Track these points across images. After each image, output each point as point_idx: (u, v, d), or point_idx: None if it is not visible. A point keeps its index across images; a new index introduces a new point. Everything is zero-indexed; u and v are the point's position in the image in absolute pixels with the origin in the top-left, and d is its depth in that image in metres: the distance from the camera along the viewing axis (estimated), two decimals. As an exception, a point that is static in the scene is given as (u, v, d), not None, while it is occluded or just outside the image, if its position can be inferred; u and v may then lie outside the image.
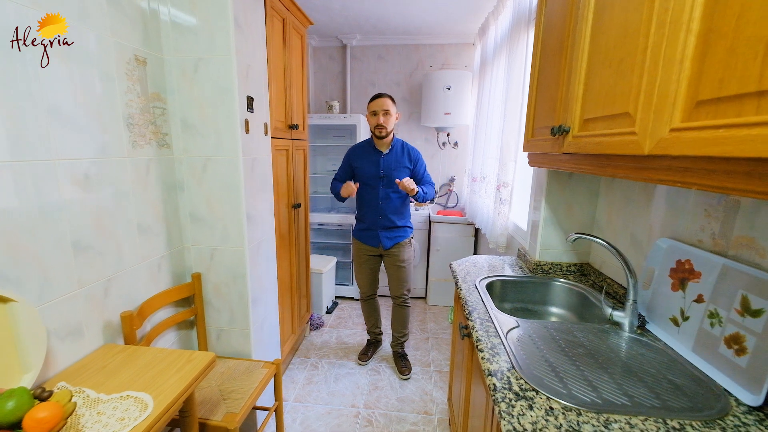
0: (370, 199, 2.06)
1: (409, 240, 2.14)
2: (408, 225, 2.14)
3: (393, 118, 1.97)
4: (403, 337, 2.26)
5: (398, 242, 2.09)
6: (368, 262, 2.18)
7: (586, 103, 0.96)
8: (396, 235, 2.09)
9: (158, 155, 1.36)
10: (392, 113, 1.96)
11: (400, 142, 2.07)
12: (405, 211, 2.11)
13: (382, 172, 2.02)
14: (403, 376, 2.18)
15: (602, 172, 0.91)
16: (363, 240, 2.14)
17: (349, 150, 2.13)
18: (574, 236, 1.18)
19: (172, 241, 1.45)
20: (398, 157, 2.02)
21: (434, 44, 3.26)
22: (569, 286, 1.44)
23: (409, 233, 2.15)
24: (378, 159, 2.03)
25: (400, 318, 2.23)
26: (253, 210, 1.55)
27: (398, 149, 2.04)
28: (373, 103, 1.96)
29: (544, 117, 1.25)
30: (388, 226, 2.07)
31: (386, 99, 1.95)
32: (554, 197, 1.52)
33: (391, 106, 1.95)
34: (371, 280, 2.24)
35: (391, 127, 1.98)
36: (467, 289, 1.37)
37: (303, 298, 2.39)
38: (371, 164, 2.03)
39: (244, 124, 1.44)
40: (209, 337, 1.61)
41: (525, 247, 1.75)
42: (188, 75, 1.38)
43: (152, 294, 1.34)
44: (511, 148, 1.93)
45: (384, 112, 1.94)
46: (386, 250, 2.11)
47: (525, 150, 1.44)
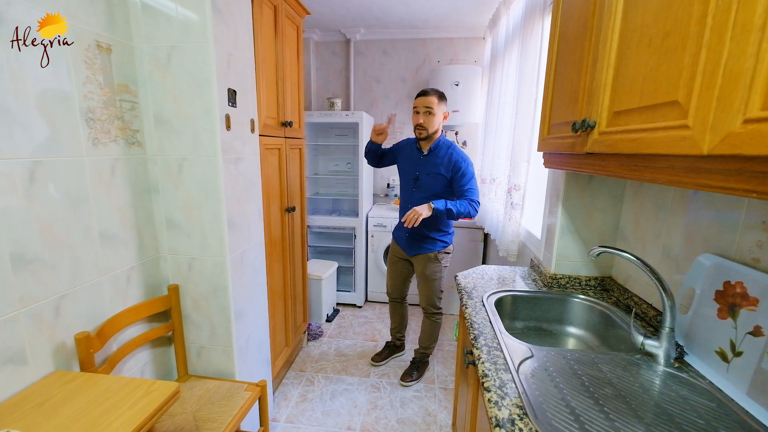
0: (405, 200, 1.96)
1: (435, 254, 1.92)
2: (439, 238, 1.91)
3: (438, 119, 1.77)
4: (427, 349, 2.15)
5: (421, 253, 1.93)
6: (397, 264, 2.09)
7: (616, 92, 0.78)
8: (421, 244, 1.92)
9: (127, 154, 1.22)
10: (436, 113, 1.75)
11: (446, 146, 1.83)
12: (437, 222, 1.86)
13: (416, 174, 1.88)
14: (403, 383, 2.05)
15: (638, 176, 0.73)
16: (396, 240, 2.07)
17: (402, 140, 2.04)
18: (597, 250, 1.00)
19: (145, 250, 1.32)
20: (436, 163, 1.80)
21: (442, 38, 3.09)
22: (590, 303, 1.26)
23: (439, 247, 1.92)
24: (416, 159, 1.89)
25: (425, 330, 2.11)
26: (236, 215, 1.41)
27: (440, 153, 1.81)
28: (416, 100, 1.79)
29: (562, 111, 1.08)
30: (416, 233, 1.90)
31: (432, 96, 1.74)
32: (572, 202, 1.34)
33: (436, 105, 1.74)
34: (397, 283, 2.14)
35: (434, 129, 1.78)
36: (473, 307, 1.21)
37: (299, 307, 2.25)
38: (410, 163, 1.91)
39: (224, 119, 1.30)
40: (189, 355, 1.47)
41: (539, 257, 1.57)
42: (161, 65, 1.24)
43: (119, 310, 1.21)
44: (523, 148, 1.75)
45: (426, 111, 1.75)
46: (411, 257, 2.00)
47: (540, 150, 1.26)
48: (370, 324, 2.76)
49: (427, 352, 2.16)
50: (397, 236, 2.05)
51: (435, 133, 1.81)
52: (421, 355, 2.16)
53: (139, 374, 1.33)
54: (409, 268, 2.08)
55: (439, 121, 1.78)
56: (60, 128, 0.99)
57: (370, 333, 2.63)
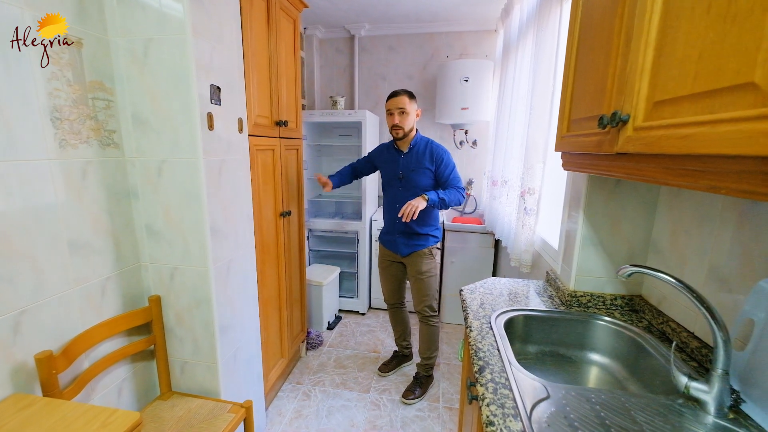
0: (389, 201, 1.94)
1: (428, 250, 1.92)
2: (431, 233, 1.92)
3: (412, 117, 1.80)
4: (428, 359, 2.04)
5: (416, 251, 1.90)
6: (389, 269, 2.05)
7: (658, 77, 0.63)
8: (414, 242, 1.90)
9: (101, 156, 1.12)
10: (409, 111, 1.78)
11: (424, 141, 1.87)
12: (427, 218, 1.89)
13: (400, 172, 1.88)
14: (405, 400, 1.93)
15: (689, 184, 0.58)
16: (384, 244, 2.03)
17: (375, 148, 2.07)
18: (629, 269, 0.84)
19: (123, 259, 1.22)
20: (419, 158, 1.83)
21: (451, 32, 2.94)
22: (617, 327, 1.10)
23: (432, 242, 1.93)
24: (397, 159, 1.89)
25: (423, 337, 2.02)
26: (220, 222, 1.30)
27: (420, 149, 1.85)
28: (388, 102, 1.81)
29: (586, 104, 0.92)
30: (406, 232, 1.90)
31: (402, 97, 1.77)
32: (596, 209, 1.18)
33: (408, 104, 1.77)
34: (393, 287, 2.09)
35: (410, 127, 1.81)
36: (479, 330, 1.06)
37: (296, 316, 2.14)
38: (391, 164, 1.91)
39: (206, 118, 1.19)
40: (172, 371, 1.37)
41: (556, 270, 1.41)
42: (138, 59, 1.14)
43: (91, 324, 1.11)
44: (538, 147, 1.59)
45: (400, 111, 1.77)
46: (404, 257, 1.95)
47: (558, 149, 1.11)
48: (372, 333, 2.63)
49: (429, 363, 2.05)
50: (386, 240, 2.01)
51: (411, 131, 1.83)
52: (424, 368, 2.05)
53: (116, 392, 1.23)
54: (403, 270, 2.04)
55: (413, 119, 1.81)
56: (19, 129, 0.89)
57: (372, 343, 2.49)
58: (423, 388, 2.01)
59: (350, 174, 2.10)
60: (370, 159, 2.07)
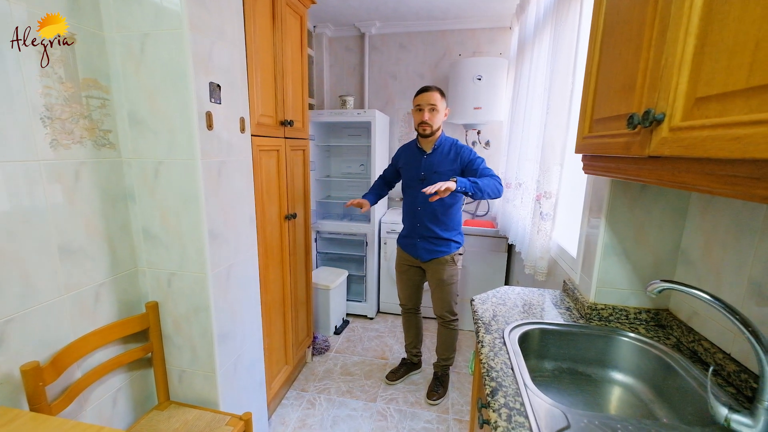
0: (410, 203, 1.87)
1: (451, 257, 1.83)
2: (453, 239, 1.83)
3: (441, 115, 1.73)
4: (447, 360, 2.02)
5: (437, 257, 1.83)
6: (408, 273, 1.98)
7: (701, 69, 0.55)
8: (435, 248, 1.83)
9: (96, 158, 1.08)
10: (440, 109, 1.71)
11: (449, 142, 1.79)
12: (450, 221, 1.81)
13: (422, 174, 1.79)
14: (431, 401, 1.92)
15: (741, 193, 0.49)
16: (403, 247, 1.96)
17: (398, 149, 1.98)
18: (659, 286, 0.75)
19: (118, 264, 1.18)
20: (443, 158, 1.75)
21: (464, 29, 2.85)
22: (642, 345, 1.01)
23: (454, 248, 1.84)
24: (420, 159, 1.81)
25: (443, 339, 1.98)
26: (220, 225, 1.25)
27: (444, 149, 1.77)
28: (418, 97, 1.73)
29: (611, 103, 0.84)
30: (427, 236, 1.83)
31: (434, 93, 1.69)
32: (619, 216, 1.09)
33: (439, 101, 1.70)
34: (410, 292, 2.02)
35: (437, 125, 1.74)
36: (491, 346, 0.98)
37: (302, 321, 2.08)
38: (413, 165, 1.83)
39: (204, 117, 1.14)
40: (170, 379, 1.33)
41: (573, 280, 1.32)
42: (135, 56, 1.09)
43: (84, 332, 1.07)
44: (555, 149, 1.50)
45: (430, 108, 1.69)
46: (424, 263, 1.88)
47: (578, 151, 1.02)
48: (381, 339, 2.56)
49: (447, 364, 2.04)
50: (405, 243, 1.93)
51: (438, 130, 1.76)
52: (443, 368, 2.04)
53: (111, 402, 1.19)
54: (421, 274, 1.97)
55: (441, 118, 1.74)
56: (4, 128, 0.85)
57: (380, 349, 2.43)
58: (444, 386, 2.01)
59: (382, 186, 2.05)
60: (394, 162, 1.99)
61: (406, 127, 3.09)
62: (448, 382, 2.05)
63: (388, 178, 2.05)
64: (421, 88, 1.73)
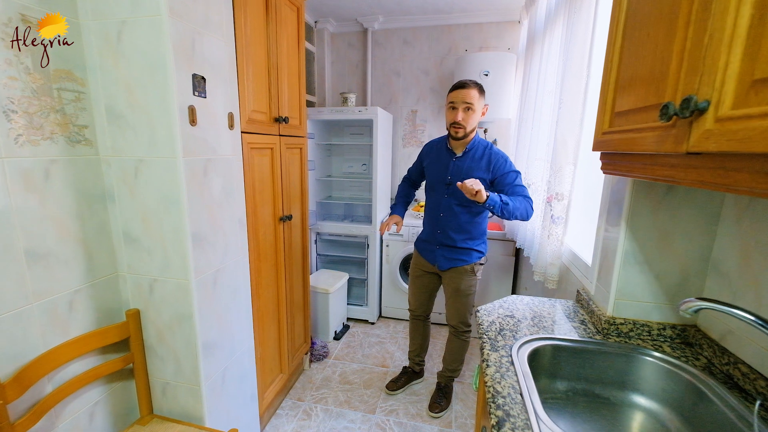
0: (432, 207, 1.73)
1: (471, 267, 1.69)
2: (475, 248, 1.69)
3: (477, 116, 1.53)
4: (453, 372, 1.91)
5: (456, 266, 1.70)
6: (423, 279, 1.85)
7: (760, 44, 0.44)
8: (456, 257, 1.69)
9: (69, 155, 1.00)
10: (476, 109, 1.51)
11: (483, 145, 1.60)
12: (473, 230, 1.66)
13: (449, 178, 1.63)
14: (433, 414, 1.81)
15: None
16: (420, 252, 1.83)
17: (425, 145, 1.82)
18: (695, 305, 0.65)
19: (97, 269, 1.10)
20: (474, 164, 1.57)
21: (470, 23, 2.74)
22: (669, 366, 0.90)
23: (475, 258, 1.69)
24: (448, 162, 1.64)
25: (453, 350, 1.87)
26: (205, 228, 1.17)
27: (476, 153, 1.59)
28: (452, 94, 1.52)
29: (637, 92, 0.73)
30: (447, 244, 1.70)
31: (471, 89, 1.49)
32: (642, 221, 0.98)
33: (476, 100, 1.49)
34: (423, 299, 1.90)
35: (472, 127, 1.55)
36: (498, 366, 0.88)
37: (299, 327, 2.00)
38: (440, 167, 1.67)
39: (187, 112, 1.06)
40: (153, 392, 1.25)
41: (588, 290, 1.21)
42: (112, 45, 1.01)
43: (56, 343, 0.99)
44: (568, 147, 1.39)
45: (465, 107, 1.50)
46: (442, 271, 1.75)
47: (596, 149, 0.91)
48: (381, 345, 2.46)
49: (453, 376, 1.93)
50: (424, 248, 1.80)
51: (472, 131, 1.57)
52: (447, 379, 1.94)
53: (88, 417, 1.11)
54: (436, 282, 1.85)
55: (478, 119, 1.53)
56: (-40, 121, 0.78)
57: (380, 356, 2.33)
58: (448, 398, 1.91)
59: (408, 190, 1.94)
60: (420, 160, 1.83)
61: (409, 125, 2.99)
62: (451, 394, 1.94)
63: (414, 178, 1.91)
64: (456, 83, 1.54)
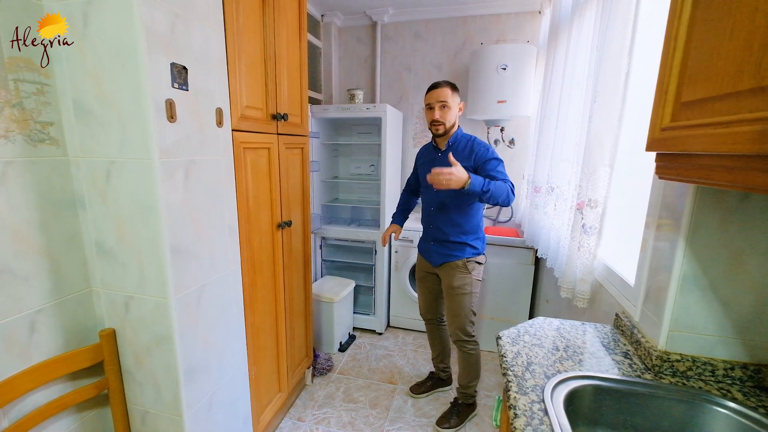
0: (425, 205, 1.77)
1: (462, 262, 1.65)
2: (469, 243, 1.66)
3: (454, 112, 1.61)
4: (465, 388, 1.80)
5: (447, 261, 1.68)
6: (425, 280, 1.85)
7: None
8: (447, 252, 1.68)
9: (30, 155, 0.88)
10: (451, 105, 1.58)
11: (465, 138, 1.65)
12: (465, 223, 1.65)
13: None
14: (440, 428, 1.72)
15: None
16: (420, 252, 1.85)
17: (418, 150, 1.88)
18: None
19: (65, 284, 0.97)
20: (457, 156, 1.58)
21: (487, 15, 2.56)
22: (743, 419, 0.72)
23: (468, 253, 1.66)
24: (434, 158, 1.70)
25: (460, 364, 1.77)
26: (188, 239, 1.03)
27: (459, 146, 1.63)
28: (427, 96, 1.62)
29: (721, 75, 0.56)
30: (440, 239, 1.70)
31: (444, 89, 1.57)
32: (707, 236, 0.80)
33: (450, 97, 1.58)
34: (428, 302, 1.88)
35: (451, 123, 1.61)
36: (528, 415, 0.71)
37: (300, 341, 1.85)
38: (428, 164, 1.68)
39: (164, 106, 0.92)
40: (132, 421, 1.12)
41: (631, 315, 1.03)
42: (77, 30, 0.88)
43: (13, 372, 0.86)
44: (603, 147, 1.21)
45: (441, 105, 1.58)
46: (436, 268, 1.74)
47: (652, 149, 0.74)
48: (389, 358, 2.30)
49: (468, 392, 1.80)
50: (422, 248, 1.82)
51: (452, 127, 1.63)
52: (463, 396, 1.82)
53: (55, 452, 0.98)
54: (438, 282, 1.81)
55: (455, 114, 1.62)
56: None
57: (388, 371, 2.17)
58: (460, 417, 1.77)
59: (408, 197, 1.95)
60: (415, 166, 1.88)
61: (420, 124, 2.82)
62: (466, 415, 1.78)
63: (413, 185, 1.93)
64: (430, 84, 1.61)
